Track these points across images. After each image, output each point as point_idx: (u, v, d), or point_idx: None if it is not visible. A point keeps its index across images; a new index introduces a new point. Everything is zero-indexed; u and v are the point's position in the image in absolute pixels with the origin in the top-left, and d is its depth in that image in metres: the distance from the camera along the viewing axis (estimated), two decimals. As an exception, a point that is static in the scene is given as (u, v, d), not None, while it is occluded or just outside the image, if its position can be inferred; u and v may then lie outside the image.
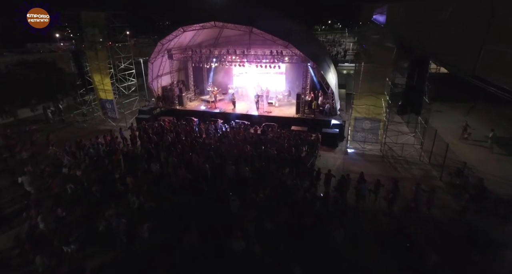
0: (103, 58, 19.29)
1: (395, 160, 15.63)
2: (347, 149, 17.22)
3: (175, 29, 18.65)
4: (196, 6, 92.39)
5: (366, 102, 15.94)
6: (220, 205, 10.79)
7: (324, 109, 19.93)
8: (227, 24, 18.36)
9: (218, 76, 26.79)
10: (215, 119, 19.60)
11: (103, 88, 20.27)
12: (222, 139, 16.15)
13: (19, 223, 10.53)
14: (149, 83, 22.05)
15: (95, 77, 20.11)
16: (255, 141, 15.96)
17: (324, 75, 18.20)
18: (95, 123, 22.01)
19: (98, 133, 20.06)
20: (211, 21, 17.84)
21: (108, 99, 20.73)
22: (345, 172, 14.18)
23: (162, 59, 22.02)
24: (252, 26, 17.51)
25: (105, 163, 14.22)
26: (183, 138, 16.69)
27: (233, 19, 18.00)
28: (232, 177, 12.92)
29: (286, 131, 17.38)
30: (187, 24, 18.30)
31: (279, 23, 20.63)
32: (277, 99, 22.74)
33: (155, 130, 18.00)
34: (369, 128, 16.59)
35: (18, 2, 12.36)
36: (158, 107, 22.51)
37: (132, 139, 16.87)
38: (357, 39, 79.53)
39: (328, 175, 12.31)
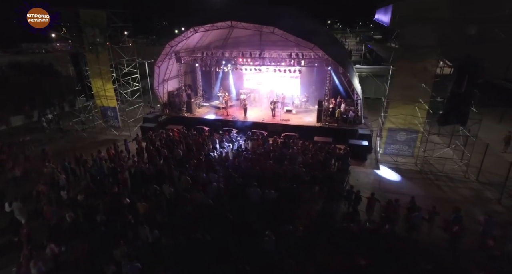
0: (105, 62, 17.46)
1: (436, 177, 13.93)
2: (378, 163, 15.52)
3: (187, 29, 16.85)
4: (196, 6, 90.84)
5: (402, 112, 14.25)
6: (249, 239, 9.01)
7: (348, 117, 18.21)
8: (244, 24, 16.52)
9: (228, 80, 25.01)
10: (229, 129, 17.80)
11: (104, 95, 18.42)
12: (240, 153, 14.35)
13: (6, 262, 8.73)
14: (155, 89, 20.22)
15: (96, 82, 18.27)
16: (278, 155, 14.18)
17: (351, 80, 16.47)
18: (96, 132, 20.15)
19: (99, 144, 18.29)
20: (228, 20, 16.03)
21: (110, 107, 18.87)
22: (383, 192, 12.58)
23: (168, 62, 20.20)
24: (274, 27, 15.67)
25: (110, 183, 12.39)
26: (194, 150, 14.96)
27: (253, 18, 16.20)
28: (256, 201, 11.15)
29: (310, 143, 15.61)
30: (200, 24, 16.50)
31: (300, 23, 18.86)
32: (294, 106, 20.99)
33: (163, 141, 16.17)
34: (405, 140, 14.90)
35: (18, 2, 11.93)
36: (164, 114, 20.67)
37: (138, 152, 15.05)
38: (359, 39, 78.13)
39: (371, 199, 10.55)
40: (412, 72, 13.28)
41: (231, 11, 18.39)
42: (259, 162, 13.39)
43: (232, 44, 25.52)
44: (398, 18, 13.10)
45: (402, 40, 12.99)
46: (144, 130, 18.74)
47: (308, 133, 17.48)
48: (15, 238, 8.87)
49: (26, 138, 18.05)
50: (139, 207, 10.41)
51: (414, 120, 14.13)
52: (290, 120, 19.07)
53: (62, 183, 12.19)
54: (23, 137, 18.16)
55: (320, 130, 17.73)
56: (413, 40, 12.67)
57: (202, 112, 21.29)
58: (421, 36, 12.49)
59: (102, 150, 14.65)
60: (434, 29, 12.15)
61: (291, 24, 16.51)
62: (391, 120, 14.62)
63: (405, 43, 13.29)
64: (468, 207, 11.04)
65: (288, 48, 22.56)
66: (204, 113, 21.12)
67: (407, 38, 12.82)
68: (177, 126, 18.64)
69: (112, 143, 17.83)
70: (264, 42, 25.32)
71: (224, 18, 16.08)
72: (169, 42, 17.94)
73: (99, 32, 16.79)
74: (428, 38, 12.42)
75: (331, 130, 17.72)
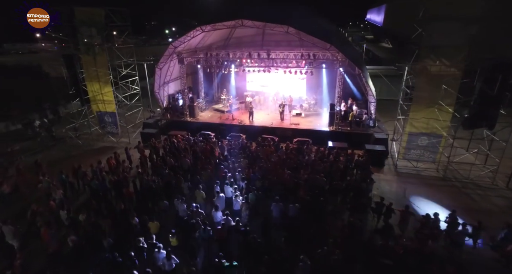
0: (103, 64, 16.14)
1: (462, 184, 13.17)
2: (396, 169, 14.71)
3: (192, 28, 15.72)
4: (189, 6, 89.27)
5: (424, 115, 13.46)
6: (280, 264, 7.96)
7: (361, 120, 17.36)
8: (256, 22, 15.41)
9: (230, 82, 23.92)
10: (237, 135, 16.72)
11: (101, 99, 17.08)
12: (254, 162, 13.28)
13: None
14: (155, 92, 18.97)
15: (93, 85, 16.91)
16: (294, 163, 13.18)
17: (367, 82, 15.62)
18: (92, 139, 18.76)
19: (96, 152, 16.99)
20: (238, 19, 14.94)
21: (108, 112, 17.53)
22: (409, 201, 11.75)
23: (169, 63, 18.98)
24: (289, 26, 14.66)
25: (114, 198, 11.18)
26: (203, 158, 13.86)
27: (265, 17, 15.15)
28: (280, 217, 10.14)
29: (326, 149, 14.67)
30: (207, 23, 15.37)
31: (313, 21, 17.93)
32: (302, 109, 20.07)
33: (167, 149, 14.98)
34: (426, 145, 14.12)
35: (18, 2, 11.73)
36: (165, 119, 19.44)
37: (142, 162, 13.84)
38: (351, 39, 78.01)
39: (405, 213, 9.66)
40: (436, 74, 12.50)
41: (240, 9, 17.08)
42: (275, 172, 12.38)
43: (234, 45, 24.48)
44: (421, 17, 12.25)
45: (427, 39, 12.13)
46: (145, 136, 17.48)
47: (320, 138, 16.56)
48: (7, 272, 7.57)
49: (15, 147, 16.57)
50: (151, 226, 9.26)
51: (437, 124, 13.34)
52: (300, 125, 18.12)
53: (57, 199, 10.89)
54: (11, 146, 16.66)
55: (334, 135, 16.83)
56: (439, 39, 11.87)
57: (206, 116, 20.14)
58: (448, 35, 11.70)
59: (102, 160, 13.41)
60: (462, 27, 11.37)
61: (305, 23, 15.54)
62: (413, 124, 13.81)
63: (428, 43, 12.46)
64: (507, 219, 10.25)
65: (293, 48, 21.70)
66: (208, 117, 19.97)
67: (433, 37, 11.97)
68: (180, 132, 17.44)
69: (110, 150, 16.63)
70: (267, 42, 24.39)
71: (234, 17, 14.98)
72: (173, 42, 16.71)
73: (96, 32, 15.46)
74: (456, 37, 11.64)
75: (345, 135, 16.84)
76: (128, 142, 18.12)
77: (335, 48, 14.46)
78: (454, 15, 11.36)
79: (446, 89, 12.45)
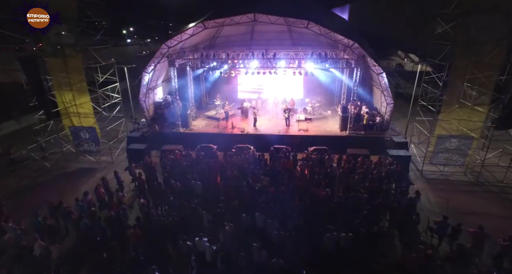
0: (76, 69, 13.09)
1: (499, 189, 12.40)
2: (423, 175, 13.67)
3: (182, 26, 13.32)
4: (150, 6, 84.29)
5: (456, 116, 12.52)
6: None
7: (375, 123, 16.17)
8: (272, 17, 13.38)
9: (221, 85, 21.72)
10: (244, 146, 14.58)
11: (76, 111, 13.94)
12: (279, 181, 11.31)
13: None
14: (140, 100, 16.12)
15: (64, 95, 13.71)
16: (321, 178, 11.45)
17: (386, 81, 14.41)
18: (64, 160, 15.42)
19: (72, 177, 13.96)
20: (250, 13, 12.81)
21: (85, 127, 14.39)
22: (455, 214, 10.57)
23: (156, 67, 16.24)
24: (309, 21, 12.83)
25: (117, 245, 8.53)
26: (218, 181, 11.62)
27: (282, 11, 13.16)
28: (332, 250, 8.34)
29: (351, 159, 13.11)
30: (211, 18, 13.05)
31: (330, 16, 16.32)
32: (307, 113, 18.48)
33: (167, 169, 12.43)
34: (455, 148, 13.21)
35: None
36: (153, 131, 16.67)
37: (141, 189, 11.20)
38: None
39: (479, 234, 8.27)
40: (471, 71, 11.53)
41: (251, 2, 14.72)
42: (309, 191, 10.55)
43: (221, 44, 22.37)
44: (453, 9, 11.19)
45: (464, 33, 11.10)
46: (132, 154, 14.65)
47: (336, 144, 14.99)
48: None
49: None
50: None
51: (469, 125, 12.45)
52: (309, 130, 16.49)
53: (37, 253, 8.00)
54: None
55: (349, 141, 15.43)
56: (477, 33, 10.89)
57: (200, 126, 17.67)
58: (487, 29, 10.76)
59: (87, 188, 10.58)
60: (505, 20, 10.46)
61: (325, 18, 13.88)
62: (443, 126, 12.81)
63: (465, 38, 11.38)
64: None
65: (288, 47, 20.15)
66: (202, 127, 17.53)
67: (470, 31, 10.96)
68: (175, 147, 14.87)
69: (89, 173, 13.86)
70: (256, 41, 22.60)
71: (246, 11, 12.82)
72: (166, 41, 14.10)
73: (68, 29, 12.41)
74: (495, 31, 10.73)
75: (360, 140, 15.52)
76: (111, 161, 15.15)
77: (360, 46, 12.97)
78: (494, 7, 10.42)
79: (481, 87, 11.54)
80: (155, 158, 14.58)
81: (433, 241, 9.22)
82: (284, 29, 20.14)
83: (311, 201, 10.01)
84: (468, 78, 11.57)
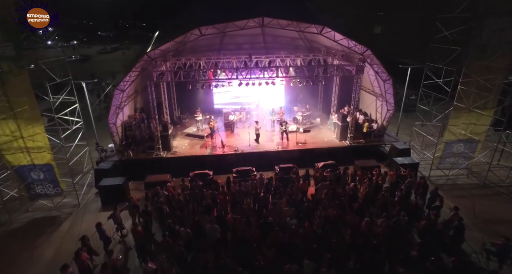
0: (23, 90, 9.68)
1: (508, 190, 12.53)
2: (430, 181, 13.35)
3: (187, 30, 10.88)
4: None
5: (465, 121, 12.36)
6: None
7: (373, 130, 15.56)
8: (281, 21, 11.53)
9: (193, 96, 19.27)
10: (246, 170, 12.60)
11: (24, 146, 10.42)
12: (305, 211, 9.67)
13: None
14: (110, 124, 12.95)
15: (2, 126, 10.09)
16: (344, 201, 10.18)
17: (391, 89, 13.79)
18: (9, 210, 11.52)
19: (23, 235, 10.46)
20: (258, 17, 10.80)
21: (37, 165, 10.88)
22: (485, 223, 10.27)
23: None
24: (324, 26, 11.28)
25: None
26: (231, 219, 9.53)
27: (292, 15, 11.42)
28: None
29: (366, 173, 12.07)
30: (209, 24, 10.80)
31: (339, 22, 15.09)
32: (298, 123, 17.15)
33: (164, 213, 9.86)
34: (461, 152, 13.12)
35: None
36: (127, 158, 13.65)
37: (138, 243, 8.56)
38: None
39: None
40: (483, 75, 11.35)
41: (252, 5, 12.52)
42: (345, 220, 9.15)
43: (188, 50, 19.85)
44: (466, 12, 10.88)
45: (479, 37, 10.83)
46: (107, 191, 11.63)
47: (338, 156, 13.92)
48: None
49: None
50: None
51: (476, 129, 12.40)
52: (307, 143, 15.16)
53: None
54: None
55: (352, 151, 14.53)
56: (492, 36, 10.70)
57: (183, 146, 15.08)
58: (503, 32, 10.62)
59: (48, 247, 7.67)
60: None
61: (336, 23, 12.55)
62: (452, 131, 12.56)
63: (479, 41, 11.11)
64: None
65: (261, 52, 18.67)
66: (187, 148, 14.98)
67: (483, 35, 10.73)
68: (162, 176, 12.25)
69: (50, 225, 10.76)
70: (226, 46, 20.67)
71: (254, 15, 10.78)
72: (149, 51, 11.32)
73: (2, 36, 9.05)
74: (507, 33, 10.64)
75: (363, 149, 14.74)
76: (77, 204, 11.82)
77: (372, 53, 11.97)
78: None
79: (487, 91, 11.47)
80: (136, 194, 11.79)
81: (490, 264, 8.52)
82: (258, 32, 18.70)
83: (351, 235, 8.62)
84: (480, 83, 11.37)
